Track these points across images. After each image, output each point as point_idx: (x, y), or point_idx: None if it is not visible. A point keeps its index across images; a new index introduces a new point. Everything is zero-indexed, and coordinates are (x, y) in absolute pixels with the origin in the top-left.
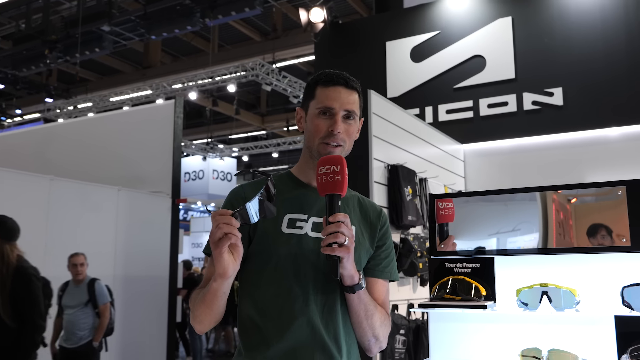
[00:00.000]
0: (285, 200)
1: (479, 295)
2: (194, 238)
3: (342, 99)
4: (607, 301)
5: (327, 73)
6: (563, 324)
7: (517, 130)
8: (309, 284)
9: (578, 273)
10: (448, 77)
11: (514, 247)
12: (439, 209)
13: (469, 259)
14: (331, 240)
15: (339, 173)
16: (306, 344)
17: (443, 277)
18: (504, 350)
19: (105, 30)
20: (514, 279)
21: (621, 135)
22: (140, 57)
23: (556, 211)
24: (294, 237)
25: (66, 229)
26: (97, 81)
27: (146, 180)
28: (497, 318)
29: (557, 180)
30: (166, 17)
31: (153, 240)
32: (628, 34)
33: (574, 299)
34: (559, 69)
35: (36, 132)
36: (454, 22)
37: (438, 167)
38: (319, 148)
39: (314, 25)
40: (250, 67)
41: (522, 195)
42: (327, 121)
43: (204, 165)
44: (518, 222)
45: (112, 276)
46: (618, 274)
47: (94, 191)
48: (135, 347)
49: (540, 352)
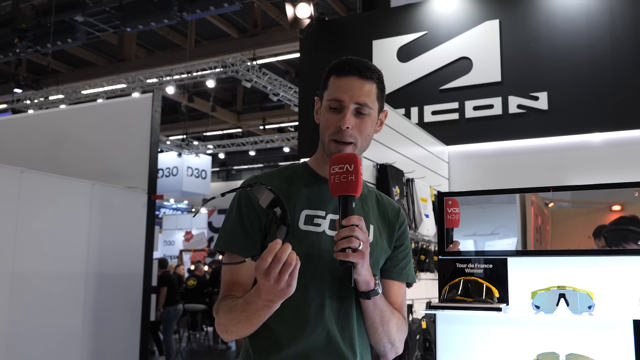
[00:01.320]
0: (302, 195)
1: (491, 297)
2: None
3: (354, 90)
4: (625, 305)
5: (342, 61)
6: (579, 328)
7: (502, 134)
8: (325, 286)
9: (594, 276)
10: (434, 78)
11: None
12: (447, 213)
13: (480, 259)
14: (344, 245)
15: (353, 173)
16: (320, 349)
17: (454, 278)
18: (516, 355)
19: (79, 21)
20: (526, 281)
21: (603, 141)
22: (114, 50)
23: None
24: (311, 235)
25: (37, 223)
26: (68, 73)
27: (122, 175)
28: (508, 321)
29: (540, 184)
30: (142, 10)
31: (127, 236)
32: (613, 42)
33: (591, 302)
34: (544, 74)
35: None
36: (442, 23)
37: (424, 168)
38: (330, 146)
39: (300, 21)
40: (230, 63)
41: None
42: (336, 116)
43: (178, 161)
44: (518, 223)
45: (84, 273)
46: (635, 277)
47: (67, 185)
48: (108, 346)
49: (558, 356)
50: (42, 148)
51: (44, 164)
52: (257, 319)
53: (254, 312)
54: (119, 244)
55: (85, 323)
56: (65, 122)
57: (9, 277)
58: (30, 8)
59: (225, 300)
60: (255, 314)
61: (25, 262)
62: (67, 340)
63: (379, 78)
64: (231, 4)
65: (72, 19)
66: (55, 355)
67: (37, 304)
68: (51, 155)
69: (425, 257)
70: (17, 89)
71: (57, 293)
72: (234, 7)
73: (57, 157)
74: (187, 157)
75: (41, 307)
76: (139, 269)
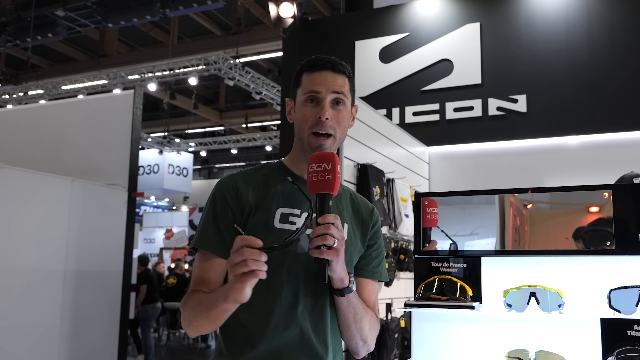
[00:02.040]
0: (277, 193)
1: (465, 295)
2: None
3: (329, 82)
4: (593, 303)
5: (313, 58)
6: (549, 326)
7: (481, 135)
8: (300, 283)
9: (564, 275)
10: (416, 79)
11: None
12: (426, 213)
13: (455, 258)
14: (320, 242)
15: (330, 171)
16: (293, 346)
17: (429, 276)
18: (488, 351)
19: (60, 15)
20: (499, 280)
21: (580, 144)
22: (96, 45)
23: (513, 216)
24: (286, 233)
25: (15, 219)
26: (48, 68)
27: (102, 171)
28: (482, 319)
29: (517, 185)
30: (124, 5)
31: (107, 234)
32: (590, 46)
33: (560, 301)
34: (524, 77)
35: None
36: (424, 25)
37: (404, 168)
38: (309, 140)
39: (283, 20)
40: (212, 61)
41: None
42: (314, 108)
43: (159, 159)
44: (497, 223)
45: (63, 270)
46: (604, 277)
47: (46, 181)
48: (86, 344)
49: (528, 353)
50: (21, 144)
51: (23, 159)
52: (215, 315)
53: (215, 308)
54: (99, 241)
55: (64, 321)
56: (45, 117)
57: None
58: (11, 1)
59: (192, 294)
60: (214, 310)
61: (3, 258)
62: (45, 338)
63: (350, 73)
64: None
65: (52, 14)
66: (33, 353)
67: (14, 301)
68: (30, 151)
69: (404, 257)
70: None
71: (35, 290)
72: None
73: (36, 153)
74: (168, 154)
75: (19, 304)
76: (119, 267)
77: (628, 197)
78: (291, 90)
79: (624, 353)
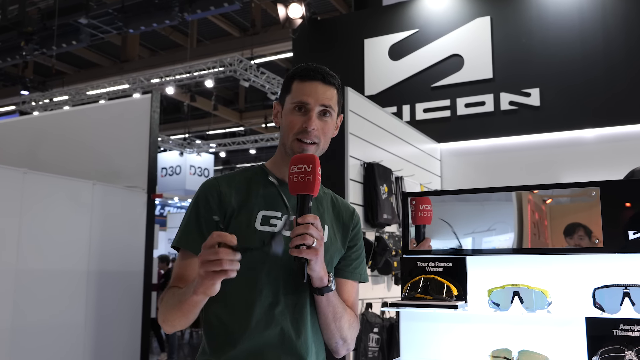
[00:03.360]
0: (259, 196)
1: (450, 295)
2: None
3: (319, 94)
4: (579, 303)
5: (304, 67)
6: (534, 325)
7: (493, 130)
8: (280, 284)
9: (551, 274)
10: (426, 75)
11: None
12: (419, 210)
13: (441, 258)
14: (299, 242)
15: (311, 173)
16: (274, 345)
17: (415, 276)
18: (475, 351)
19: (83, 23)
20: (487, 279)
21: (596, 136)
22: (118, 51)
23: (531, 211)
24: (267, 236)
25: (40, 222)
26: (74, 74)
27: (122, 174)
28: (469, 318)
29: (533, 180)
30: (144, 11)
31: (128, 235)
32: (605, 37)
33: (545, 300)
34: (536, 70)
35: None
36: (433, 21)
37: (414, 165)
38: (293, 145)
39: (292, 21)
40: (228, 63)
41: (498, 195)
42: (302, 117)
43: (181, 160)
44: (493, 222)
45: (86, 271)
46: (591, 276)
47: (68, 185)
48: (110, 341)
49: (511, 352)
50: (45, 149)
51: (46, 164)
52: (187, 308)
53: (186, 301)
54: (120, 242)
55: (87, 320)
56: (67, 123)
57: (13, 275)
58: (37, 11)
59: (169, 290)
60: (185, 304)
61: (29, 260)
62: (70, 336)
63: (339, 85)
64: (231, 3)
65: (76, 22)
66: (58, 351)
67: (40, 300)
68: (54, 156)
69: None
70: (24, 91)
71: (60, 290)
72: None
73: (59, 158)
74: (189, 155)
75: (44, 304)
76: (140, 267)
77: (617, 194)
78: (280, 95)
79: (608, 353)
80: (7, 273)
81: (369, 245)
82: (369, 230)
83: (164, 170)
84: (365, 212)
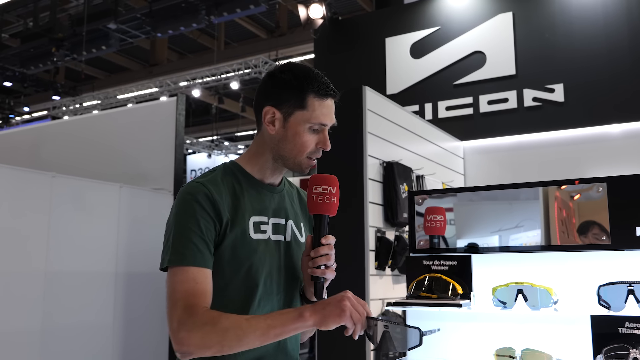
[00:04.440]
0: (247, 202)
1: (455, 293)
2: None
3: (332, 114)
4: (585, 300)
5: (320, 81)
6: (539, 323)
7: (517, 127)
8: (274, 292)
9: (558, 272)
10: (448, 73)
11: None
12: (426, 221)
13: (446, 256)
14: (323, 262)
15: (335, 195)
16: (271, 353)
17: (420, 274)
18: (481, 350)
19: (112, 28)
20: (494, 277)
21: (622, 132)
22: (147, 55)
23: (558, 209)
24: (261, 244)
25: (68, 225)
26: (105, 79)
27: (148, 177)
28: (474, 317)
29: (557, 177)
30: (171, 15)
31: (154, 237)
32: (631, 30)
33: (550, 298)
34: (560, 65)
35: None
36: (454, 18)
37: (436, 164)
38: (302, 162)
39: (313, 21)
40: (253, 65)
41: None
42: (315, 136)
43: (209, 162)
44: (512, 220)
45: (114, 273)
46: (597, 273)
47: (95, 188)
48: (138, 342)
49: (514, 351)
50: (73, 153)
51: (74, 168)
52: (280, 329)
53: (284, 321)
54: (147, 244)
55: (116, 321)
56: (95, 127)
57: (42, 277)
58: (67, 18)
59: (209, 314)
60: (283, 324)
61: (58, 262)
62: (99, 339)
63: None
64: (257, 5)
65: (105, 27)
66: (87, 353)
67: (69, 303)
68: (81, 159)
69: None
70: (55, 96)
71: (88, 292)
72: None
73: (87, 161)
74: (217, 157)
75: (73, 306)
76: None
77: (624, 190)
78: (281, 101)
79: (613, 351)
80: (36, 276)
81: (388, 245)
82: (389, 229)
83: (193, 172)
84: (385, 211)
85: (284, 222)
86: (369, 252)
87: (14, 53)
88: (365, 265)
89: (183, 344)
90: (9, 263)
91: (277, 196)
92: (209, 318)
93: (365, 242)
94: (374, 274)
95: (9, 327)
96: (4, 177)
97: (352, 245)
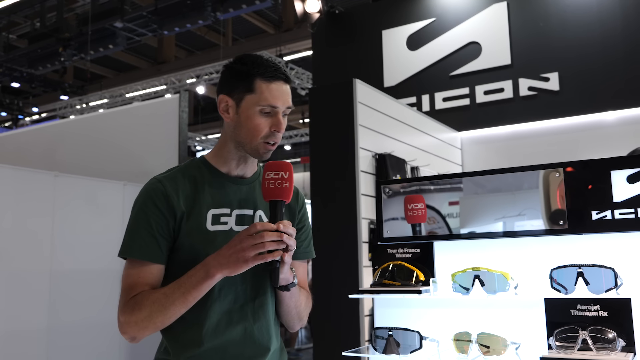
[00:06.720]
0: (206, 194)
1: (418, 280)
2: None
3: (285, 96)
4: (542, 285)
5: (267, 65)
6: (497, 308)
7: (513, 117)
8: (238, 282)
9: (517, 257)
10: (444, 64)
11: (454, 232)
12: (407, 210)
13: (409, 244)
14: (274, 246)
15: (287, 180)
16: (238, 342)
17: (385, 262)
18: (444, 335)
19: (118, 27)
20: (457, 264)
21: (618, 119)
22: (155, 53)
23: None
24: (219, 235)
25: (72, 224)
26: (113, 77)
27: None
28: (438, 303)
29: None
30: (177, 12)
31: None
32: (624, 17)
33: (507, 283)
34: (554, 54)
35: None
36: (450, 9)
37: (433, 155)
38: (259, 147)
39: (310, 15)
40: None
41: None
42: (269, 120)
43: None
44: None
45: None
46: (554, 258)
47: (99, 186)
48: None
49: (470, 335)
50: (78, 152)
51: (79, 167)
52: (195, 293)
53: (194, 284)
54: None
55: None
56: (98, 126)
57: (47, 276)
58: (75, 17)
59: (135, 297)
60: (195, 287)
61: (63, 261)
62: (105, 336)
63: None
64: (263, 0)
65: (112, 26)
66: (94, 350)
67: (74, 301)
68: (86, 158)
69: None
70: (64, 96)
71: (94, 290)
72: (265, 4)
73: (91, 160)
74: None
75: (79, 304)
76: None
77: (580, 175)
78: (230, 88)
79: (564, 333)
80: (42, 274)
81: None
82: None
83: None
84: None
85: (252, 213)
86: (362, 243)
87: (21, 54)
88: (358, 257)
89: (122, 328)
90: (15, 262)
91: (246, 187)
92: (134, 301)
93: (358, 234)
94: (368, 266)
95: (16, 325)
96: (7, 178)
97: (346, 237)
